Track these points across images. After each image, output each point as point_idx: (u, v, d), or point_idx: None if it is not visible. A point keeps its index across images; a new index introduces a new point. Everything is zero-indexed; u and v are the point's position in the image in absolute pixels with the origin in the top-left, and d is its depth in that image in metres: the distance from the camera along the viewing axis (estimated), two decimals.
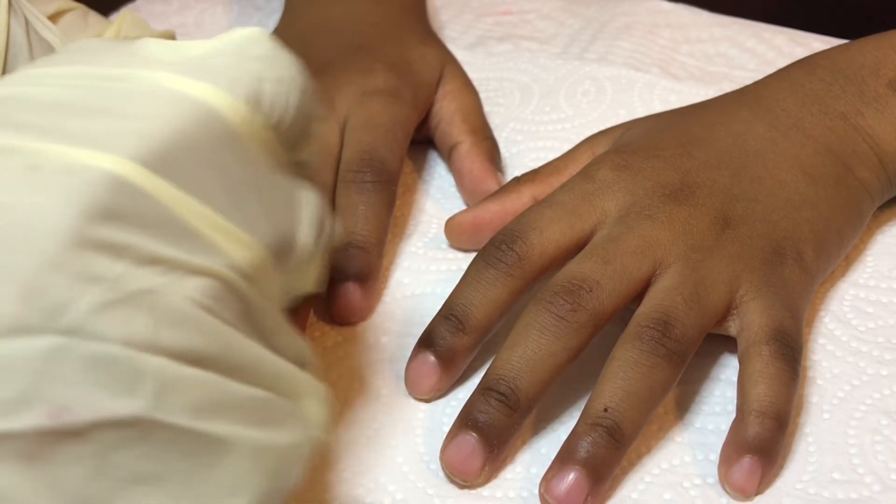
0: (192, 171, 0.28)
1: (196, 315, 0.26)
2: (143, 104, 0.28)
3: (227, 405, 0.26)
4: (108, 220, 0.25)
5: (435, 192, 0.50)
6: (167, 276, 0.26)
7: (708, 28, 0.60)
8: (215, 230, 0.28)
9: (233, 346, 0.27)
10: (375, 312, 0.44)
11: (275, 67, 0.31)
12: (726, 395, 0.40)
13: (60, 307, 0.24)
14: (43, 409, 0.24)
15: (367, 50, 0.51)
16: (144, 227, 0.26)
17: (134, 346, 0.25)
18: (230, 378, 0.27)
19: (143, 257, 0.26)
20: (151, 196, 0.26)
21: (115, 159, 0.26)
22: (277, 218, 0.30)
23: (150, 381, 0.25)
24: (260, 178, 0.30)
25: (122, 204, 0.26)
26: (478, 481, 0.37)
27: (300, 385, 0.29)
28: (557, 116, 0.54)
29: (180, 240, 0.27)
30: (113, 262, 0.25)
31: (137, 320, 0.25)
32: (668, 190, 0.41)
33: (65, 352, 0.24)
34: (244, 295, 0.28)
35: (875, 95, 0.45)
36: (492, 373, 0.38)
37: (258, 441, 0.27)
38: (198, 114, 0.28)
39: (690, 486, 0.37)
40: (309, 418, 0.29)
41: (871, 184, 0.44)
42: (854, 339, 0.42)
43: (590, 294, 0.38)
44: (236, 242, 0.28)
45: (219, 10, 0.64)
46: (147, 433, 0.25)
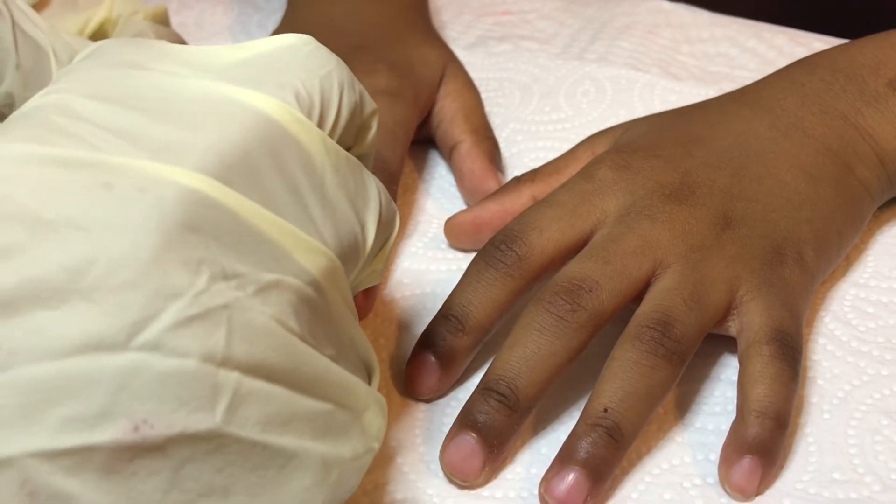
0: (260, 181, 0.28)
1: (270, 329, 0.26)
2: (202, 115, 0.28)
3: (296, 419, 0.27)
4: (186, 234, 0.26)
5: (435, 192, 0.50)
6: (243, 291, 0.26)
7: (708, 28, 0.60)
8: (285, 238, 0.28)
9: (304, 360, 0.27)
10: (375, 312, 0.44)
11: (320, 66, 0.31)
12: (726, 395, 0.40)
13: (140, 324, 0.25)
14: (123, 424, 0.24)
15: (369, 50, 0.51)
16: (220, 240, 0.26)
17: (212, 362, 0.25)
18: (299, 392, 0.27)
19: (219, 272, 0.26)
20: (225, 208, 0.27)
21: (187, 173, 0.26)
22: (345, 220, 0.30)
23: (226, 396, 0.25)
24: (323, 181, 0.30)
25: (197, 217, 0.26)
26: (477, 481, 0.37)
27: (363, 397, 0.29)
28: (557, 116, 0.54)
29: (252, 250, 0.27)
30: (191, 278, 0.25)
31: (215, 336, 0.25)
32: (668, 190, 0.41)
33: (145, 367, 0.24)
34: (315, 303, 0.28)
35: (875, 95, 0.45)
36: (491, 373, 0.38)
37: (324, 455, 0.27)
38: (255, 122, 0.28)
39: (690, 486, 0.37)
40: (369, 430, 0.30)
41: (871, 183, 0.44)
42: (854, 339, 0.42)
43: (589, 294, 0.38)
44: (308, 250, 0.28)
45: (219, 9, 0.64)
46: (220, 447, 0.25)
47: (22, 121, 0.28)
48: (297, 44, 0.31)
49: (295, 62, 0.31)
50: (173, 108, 0.28)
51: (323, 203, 0.30)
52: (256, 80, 0.29)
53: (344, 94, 0.32)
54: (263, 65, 0.30)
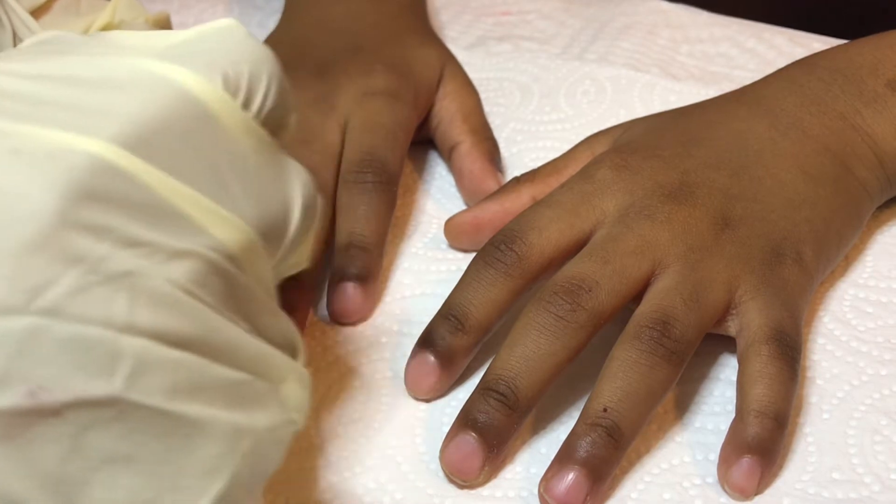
0: (173, 154, 0.28)
1: (176, 297, 0.26)
2: (121, 88, 0.28)
3: (205, 387, 0.27)
4: (91, 202, 0.25)
5: (435, 193, 0.50)
6: (149, 259, 0.26)
7: (708, 28, 0.60)
8: (200, 211, 0.28)
9: (213, 328, 0.27)
10: (375, 312, 0.44)
11: (250, 53, 0.31)
12: (726, 395, 0.40)
13: (40, 288, 0.24)
14: (20, 389, 0.24)
15: (368, 50, 0.51)
16: (127, 209, 0.26)
17: (112, 328, 0.25)
18: (209, 360, 0.27)
19: (124, 239, 0.26)
20: (134, 178, 0.27)
21: (97, 142, 0.26)
22: (266, 199, 0.30)
23: (127, 363, 0.25)
24: (244, 160, 0.30)
25: (105, 186, 0.26)
26: (477, 481, 0.37)
27: (281, 368, 0.29)
28: (557, 116, 0.54)
29: (163, 221, 0.27)
30: (94, 244, 0.25)
31: (117, 302, 0.25)
32: (667, 190, 0.41)
33: (43, 332, 0.24)
34: (229, 276, 0.28)
35: (874, 95, 0.45)
36: (491, 373, 0.38)
37: (235, 423, 0.27)
38: (177, 97, 0.29)
39: (690, 486, 0.37)
40: (288, 401, 0.29)
41: (870, 183, 0.44)
42: (854, 339, 0.42)
43: (589, 294, 0.38)
44: (222, 223, 0.28)
45: (219, 9, 0.64)
46: (123, 414, 0.25)
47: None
48: (231, 27, 0.32)
49: (226, 45, 0.31)
50: (94, 83, 0.28)
51: (243, 181, 0.30)
52: (185, 59, 0.30)
53: (272, 84, 0.32)
54: (195, 45, 0.31)
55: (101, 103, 0.28)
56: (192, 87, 0.29)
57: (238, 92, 0.30)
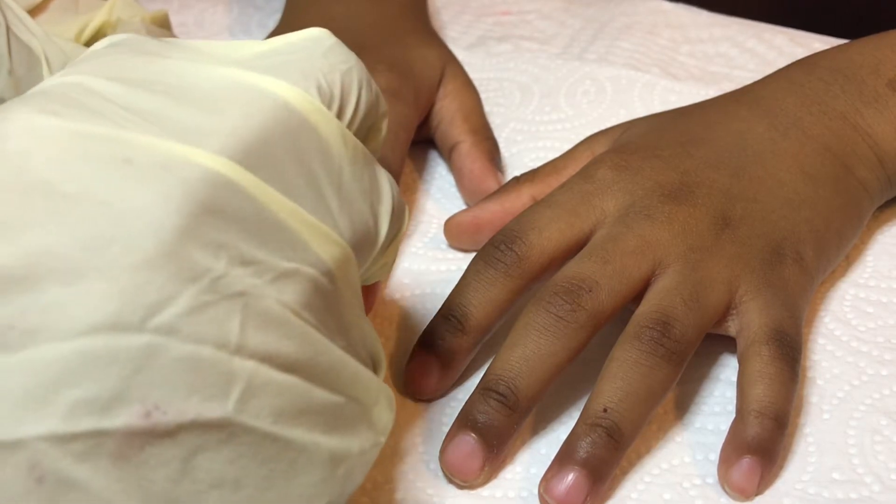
0: (280, 169, 0.27)
1: (287, 319, 0.26)
2: (224, 100, 0.28)
3: (308, 411, 0.26)
4: (208, 217, 0.25)
5: (435, 192, 0.50)
6: (260, 278, 0.26)
7: (708, 28, 0.60)
8: (303, 226, 0.27)
9: (318, 351, 0.27)
10: (375, 312, 0.44)
11: (342, 63, 0.31)
12: (726, 395, 0.40)
13: (157, 306, 0.24)
14: (135, 409, 0.24)
15: (369, 50, 0.51)
16: (241, 224, 0.26)
17: (226, 349, 0.25)
18: (313, 383, 0.26)
19: (238, 257, 0.25)
20: (246, 193, 0.26)
21: (210, 155, 0.26)
22: (359, 211, 0.30)
23: (239, 385, 0.25)
24: (341, 172, 0.30)
25: (220, 201, 0.25)
26: (477, 481, 0.37)
27: (374, 390, 0.29)
28: (557, 116, 0.54)
29: (272, 238, 0.26)
30: (212, 262, 0.25)
31: (230, 323, 0.25)
32: (667, 190, 0.41)
33: (160, 351, 0.24)
34: (328, 293, 0.28)
35: (874, 95, 0.45)
36: (491, 373, 0.38)
37: (333, 449, 0.27)
38: (277, 110, 0.28)
39: (690, 486, 0.37)
40: (377, 424, 0.29)
41: (870, 184, 0.44)
42: (854, 339, 0.42)
43: (589, 294, 0.38)
44: (324, 239, 0.28)
45: (219, 9, 0.64)
46: (232, 437, 0.25)
47: (42, 96, 0.27)
48: (320, 37, 0.31)
49: (317, 54, 0.31)
50: (196, 93, 0.28)
51: (339, 194, 0.29)
52: (278, 70, 0.29)
53: (363, 91, 0.31)
54: (285, 55, 0.30)
55: (203, 114, 0.27)
56: (288, 97, 0.29)
57: (332, 101, 0.30)
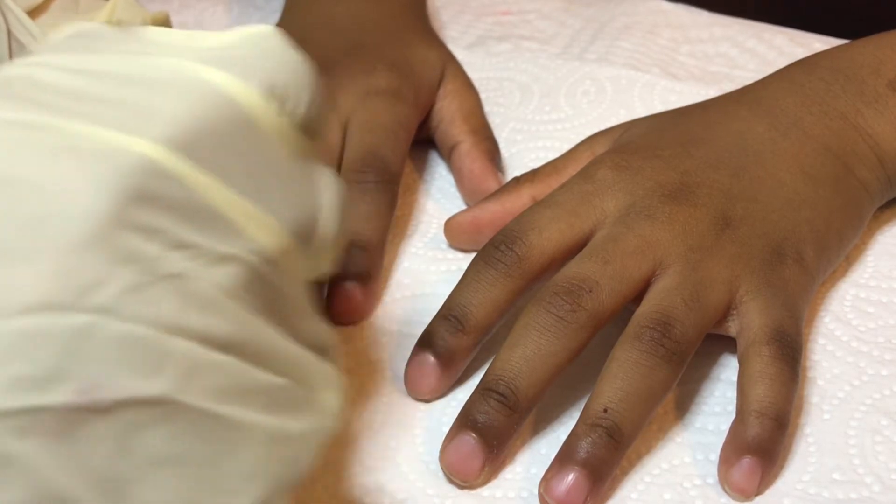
0: (216, 157, 0.28)
1: (223, 302, 0.26)
2: (165, 89, 0.28)
3: (249, 391, 0.27)
4: (143, 203, 0.26)
5: (435, 192, 0.50)
6: (196, 262, 0.26)
7: (708, 28, 0.60)
8: (241, 215, 0.28)
9: (256, 333, 0.27)
10: (375, 312, 0.44)
11: (287, 61, 0.31)
12: (726, 396, 0.40)
13: (93, 286, 0.24)
14: (72, 386, 0.24)
15: (369, 50, 0.51)
16: (176, 211, 0.26)
17: (163, 329, 0.25)
18: (252, 365, 0.27)
19: (174, 241, 0.26)
20: (182, 180, 0.27)
21: (146, 143, 0.26)
22: (299, 202, 0.31)
23: (176, 363, 0.25)
24: (280, 164, 0.30)
25: (155, 188, 0.26)
26: (477, 481, 0.37)
27: (317, 374, 0.29)
28: (557, 116, 0.54)
29: (209, 224, 0.27)
30: (146, 245, 0.25)
31: (167, 303, 0.25)
32: (667, 190, 0.41)
33: (95, 330, 0.24)
34: (268, 280, 0.28)
35: (875, 95, 0.45)
36: (491, 373, 0.38)
37: (275, 428, 0.27)
38: (219, 101, 0.29)
39: (690, 486, 0.37)
40: (324, 407, 0.30)
41: (870, 184, 0.44)
42: (854, 340, 0.42)
43: (589, 294, 0.38)
44: (262, 227, 0.28)
45: (219, 9, 0.64)
46: (171, 415, 0.25)
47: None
48: (270, 34, 0.32)
49: (265, 52, 0.31)
50: (139, 82, 0.28)
51: (280, 186, 0.30)
52: (226, 63, 0.30)
53: (306, 88, 0.32)
54: (234, 50, 0.31)
55: (147, 103, 0.28)
56: (233, 91, 0.29)
57: (274, 96, 0.30)
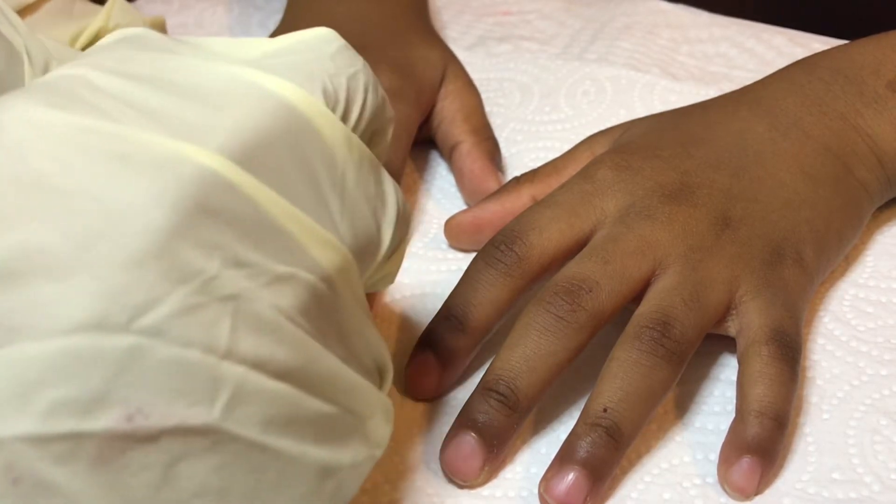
0: (277, 169, 0.27)
1: (280, 325, 0.25)
2: (223, 97, 0.27)
3: (299, 420, 0.26)
4: (202, 217, 0.24)
5: (435, 192, 0.50)
6: (254, 281, 0.25)
7: (708, 28, 0.60)
8: (301, 230, 0.27)
9: (312, 358, 0.26)
10: (375, 313, 0.44)
11: (348, 65, 0.31)
12: (726, 395, 0.40)
13: (144, 306, 0.23)
14: (118, 411, 0.23)
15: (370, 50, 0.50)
16: (236, 226, 0.25)
17: (214, 353, 0.24)
18: (306, 392, 0.26)
19: (232, 258, 0.25)
20: (242, 193, 0.25)
21: (207, 153, 0.25)
22: (363, 217, 0.29)
23: (226, 391, 0.24)
24: (344, 176, 0.29)
25: (215, 200, 0.25)
26: (477, 481, 0.37)
27: (371, 402, 0.28)
28: (557, 116, 0.54)
29: (268, 240, 0.26)
30: (204, 262, 0.24)
31: (220, 326, 0.24)
32: (667, 190, 0.41)
33: (144, 353, 0.23)
34: (326, 300, 0.27)
35: (875, 96, 0.45)
36: (491, 373, 0.38)
37: (325, 460, 0.26)
38: (279, 110, 0.28)
39: (690, 486, 0.37)
40: (373, 437, 0.28)
41: (870, 184, 0.44)
42: (854, 339, 0.42)
43: (589, 294, 0.38)
44: (323, 245, 0.27)
45: (219, 9, 0.64)
46: (218, 445, 0.24)
47: (44, 87, 0.27)
48: (328, 38, 0.31)
49: (324, 56, 0.30)
50: (198, 90, 0.27)
51: (342, 199, 0.29)
52: (284, 70, 0.29)
53: (368, 95, 0.31)
54: (292, 55, 0.30)
55: (205, 112, 0.26)
56: (293, 99, 0.28)
57: (337, 105, 0.29)
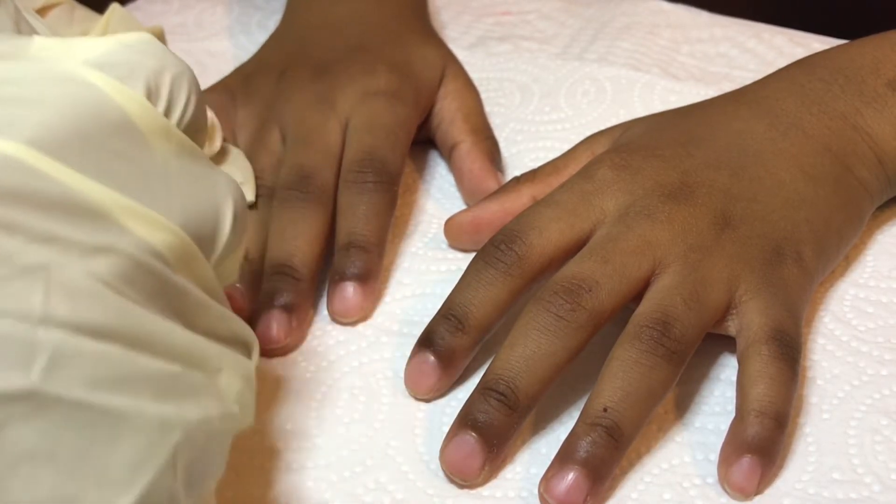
0: (92, 155, 0.28)
1: (96, 290, 0.26)
2: (40, 91, 0.29)
3: (129, 379, 0.26)
4: (0, 198, 0.26)
5: (435, 192, 0.50)
6: (66, 254, 0.26)
7: (708, 28, 0.60)
8: (121, 210, 0.28)
9: (138, 321, 0.27)
10: (375, 312, 0.44)
11: (171, 66, 0.32)
12: (726, 395, 0.40)
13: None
14: None
15: (369, 50, 0.51)
16: (41, 206, 0.26)
17: (28, 320, 0.25)
18: (134, 352, 0.26)
19: (38, 235, 0.26)
20: (51, 178, 0.27)
21: (11, 143, 0.27)
22: (193, 204, 0.31)
23: (44, 355, 0.25)
24: (166, 165, 0.30)
25: (17, 185, 0.26)
26: (477, 481, 0.37)
27: (216, 359, 0.29)
28: (557, 116, 0.54)
29: (81, 219, 0.27)
30: (5, 240, 0.25)
31: (32, 294, 0.25)
32: (667, 189, 0.41)
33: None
34: (159, 274, 0.28)
35: (874, 95, 0.45)
36: (491, 373, 0.38)
37: (163, 415, 0.27)
38: (95, 102, 0.29)
39: (690, 486, 0.37)
40: (227, 394, 0.29)
41: (870, 183, 0.44)
42: (854, 339, 0.42)
43: (589, 294, 0.38)
44: (150, 224, 0.28)
45: (219, 9, 0.64)
46: (41, 408, 0.25)
47: None
48: (148, 40, 0.32)
49: (148, 55, 0.32)
50: (11, 84, 0.29)
51: (167, 185, 0.30)
52: (104, 65, 0.30)
53: (191, 96, 0.32)
54: (117, 55, 0.31)
55: (18, 105, 0.28)
56: (111, 92, 0.30)
57: (159, 100, 0.31)
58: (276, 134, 0.48)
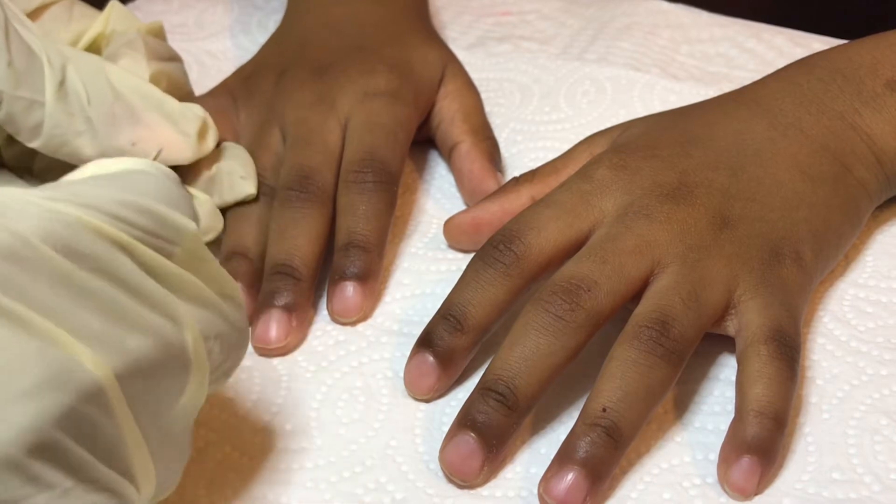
0: (31, 286, 0.27)
1: None
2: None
3: None
4: None
5: (435, 192, 0.50)
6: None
7: (708, 28, 0.60)
8: (57, 341, 0.26)
9: None
10: (375, 312, 0.44)
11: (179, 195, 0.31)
12: (725, 395, 0.40)
13: None
14: None
15: (369, 50, 0.51)
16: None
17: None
18: None
19: None
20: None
21: None
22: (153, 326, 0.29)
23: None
24: (118, 294, 0.28)
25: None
26: (477, 481, 0.37)
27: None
28: (557, 117, 0.54)
29: None
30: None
31: None
32: (666, 189, 0.41)
33: None
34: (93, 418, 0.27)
35: (873, 95, 0.45)
36: (490, 373, 0.38)
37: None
38: (55, 231, 0.27)
39: (690, 486, 0.37)
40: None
41: (869, 183, 0.44)
42: (853, 339, 0.42)
43: (588, 294, 0.38)
44: (84, 356, 0.27)
45: (219, 9, 0.64)
46: None
47: None
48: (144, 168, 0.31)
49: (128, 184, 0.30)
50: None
51: (109, 313, 0.28)
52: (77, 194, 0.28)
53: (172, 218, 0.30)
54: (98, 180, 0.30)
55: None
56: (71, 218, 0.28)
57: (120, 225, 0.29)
58: (276, 134, 0.48)
